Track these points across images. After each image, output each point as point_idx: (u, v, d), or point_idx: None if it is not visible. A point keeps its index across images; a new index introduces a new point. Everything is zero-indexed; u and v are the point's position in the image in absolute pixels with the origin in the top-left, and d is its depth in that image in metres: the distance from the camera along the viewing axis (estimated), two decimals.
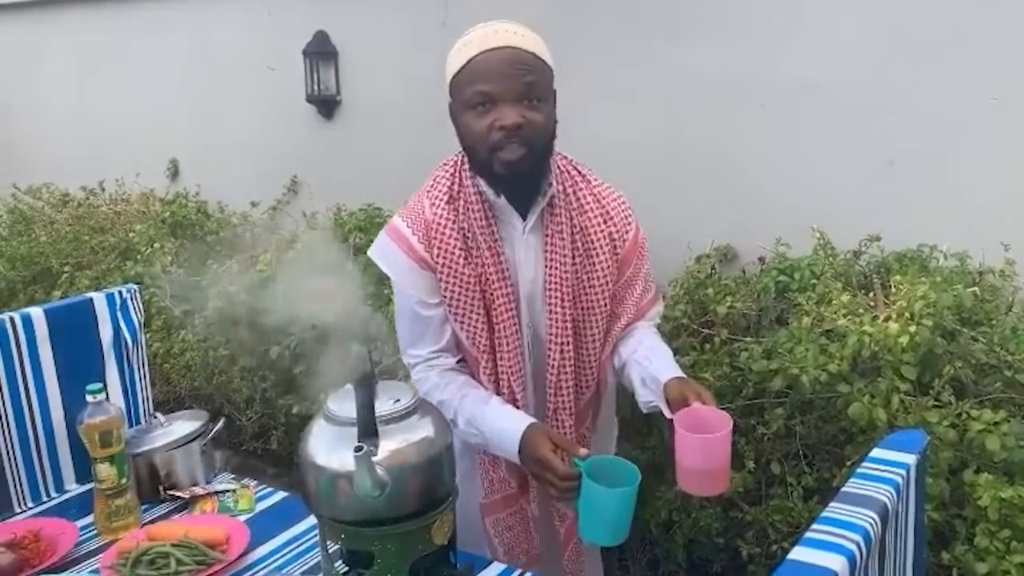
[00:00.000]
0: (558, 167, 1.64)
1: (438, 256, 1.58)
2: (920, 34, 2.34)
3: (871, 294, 2.11)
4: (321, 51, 3.71)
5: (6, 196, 4.52)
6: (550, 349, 1.64)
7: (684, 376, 1.57)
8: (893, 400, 1.87)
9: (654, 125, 2.86)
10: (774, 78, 2.60)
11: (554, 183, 1.60)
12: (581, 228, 1.63)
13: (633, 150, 2.89)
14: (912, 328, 1.85)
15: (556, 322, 1.63)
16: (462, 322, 1.62)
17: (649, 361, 1.63)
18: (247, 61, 4.03)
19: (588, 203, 1.65)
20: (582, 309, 1.66)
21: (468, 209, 1.58)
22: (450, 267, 1.58)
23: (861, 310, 2.02)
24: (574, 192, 1.64)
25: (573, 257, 1.62)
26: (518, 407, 1.63)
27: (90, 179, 4.41)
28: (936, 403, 1.87)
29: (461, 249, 1.58)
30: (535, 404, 1.69)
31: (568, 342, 1.64)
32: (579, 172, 1.69)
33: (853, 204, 2.48)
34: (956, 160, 2.33)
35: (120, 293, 2.02)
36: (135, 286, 2.07)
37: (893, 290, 2.02)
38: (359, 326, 1.30)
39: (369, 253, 1.67)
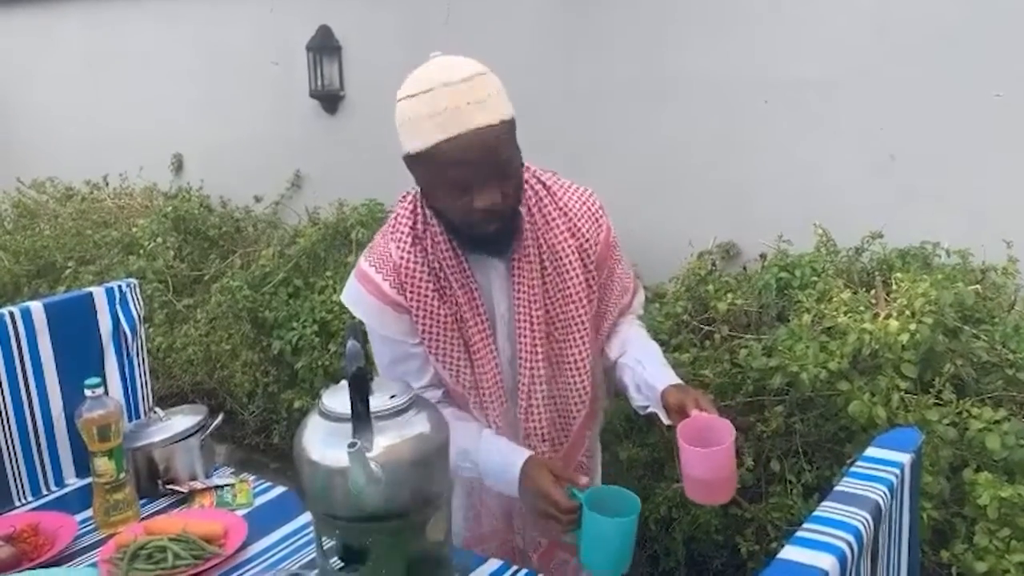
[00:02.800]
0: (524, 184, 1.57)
1: (412, 299, 1.53)
2: (922, 30, 2.33)
3: (872, 291, 2.11)
4: (324, 46, 3.71)
5: (11, 190, 4.53)
6: (520, 373, 1.59)
7: (680, 383, 1.55)
8: (893, 398, 1.86)
9: (656, 122, 2.85)
10: (777, 75, 2.59)
11: (522, 211, 1.54)
12: (549, 247, 1.57)
13: (635, 148, 2.89)
14: (913, 326, 1.84)
15: (526, 346, 1.57)
16: (444, 361, 1.57)
17: (642, 366, 1.60)
18: (251, 56, 4.04)
19: (554, 218, 1.58)
20: (559, 329, 1.60)
21: (436, 248, 1.53)
22: (425, 309, 1.54)
23: (862, 307, 2.01)
24: (539, 210, 1.57)
25: (543, 278, 1.57)
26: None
27: (94, 174, 4.42)
28: (937, 401, 1.87)
29: (434, 290, 1.53)
30: (513, 435, 1.63)
31: (539, 366, 1.59)
32: (543, 185, 1.60)
33: (855, 201, 2.47)
34: (959, 157, 2.32)
35: (120, 287, 2.02)
36: (135, 280, 2.07)
37: (894, 287, 2.01)
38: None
39: (342, 299, 1.63)
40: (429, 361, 1.58)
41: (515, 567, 1.53)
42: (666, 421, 1.51)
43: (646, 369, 1.59)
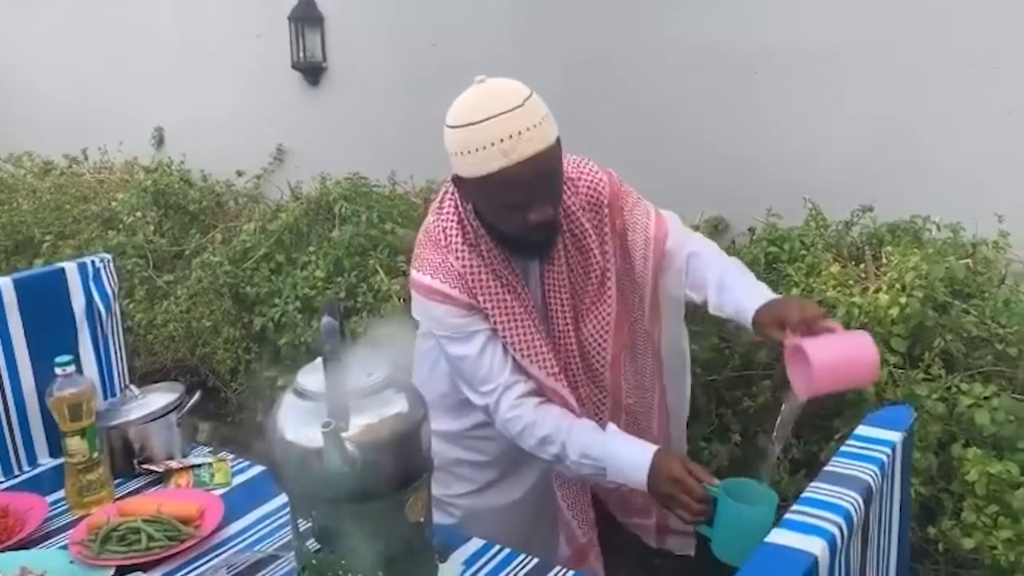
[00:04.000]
0: None
1: (485, 301, 1.57)
2: (915, 2, 2.28)
3: (862, 265, 2.08)
4: (307, 16, 3.64)
5: None
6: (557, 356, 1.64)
7: (769, 300, 1.52)
8: (882, 372, 1.83)
9: (645, 94, 2.81)
10: (767, 46, 2.54)
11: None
12: (572, 233, 1.62)
13: (623, 120, 2.84)
14: (903, 300, 1.82)
15: (558, 328, 1.64)
16: (529, 354, 1.60)
17: (724, 302, 1.61)
18: (232, 28, 3.95)
19: (571, 206, 1.62)
20: (586, 316, 1.66)
21: (490, 255, 1.59)
22: (499, 307, 1.58)
23: (851, 281, 1.99)
24: (562, 205, 1.61)
25: (567, 264, 1.62)
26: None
27: (73, 148, 4.34)
28: (926, 376, 1.84)
29: (501, 288, 1.58)
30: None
31: (572, 346, 1.66)
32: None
33: (846, 174, 2.44)
34: (950, 130, 2.29)
35: (93, 262, 1.97)
36: (108, 256, 2.02)
37: (884, 261, 1.98)
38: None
39: (414, 314, 1.68)
40: (508, 351, 1.60)
41: (497, 547, 1.51)
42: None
43: (729, 304, 1.60)
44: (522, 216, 1.48)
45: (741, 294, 1.58)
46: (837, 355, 1.34)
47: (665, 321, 1.78)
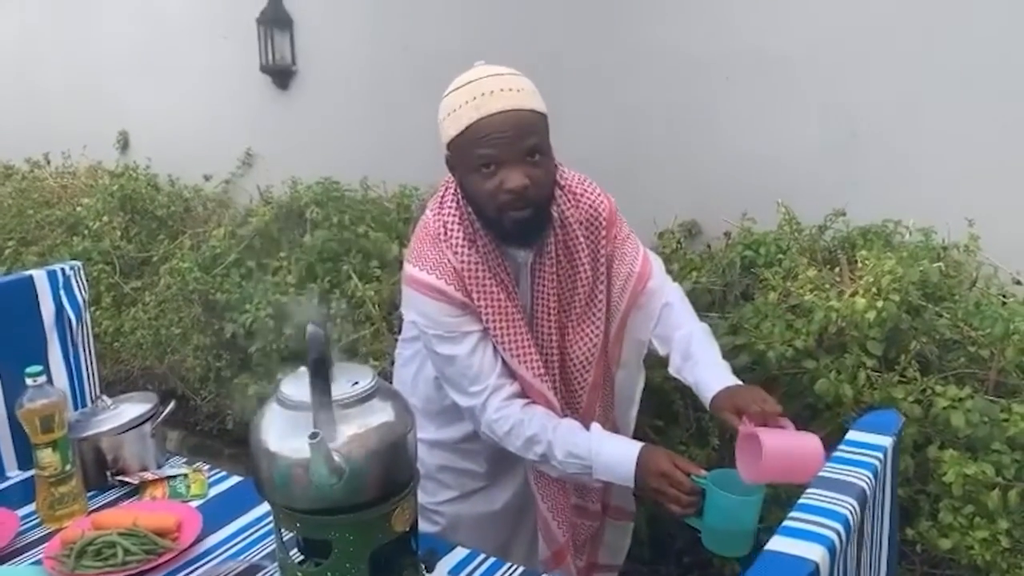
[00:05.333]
0: None
1: (479, 299, 1.58)
2: (884, 5, 2.31)
3: (836, 269, 2.10)
4: (276, 19, 3.61)
5: None
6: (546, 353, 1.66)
7: (727, 388, 1.57)
8: (859, 376, 1.85)
9: (617, 100, 2.81)
10: (738, 51, 2.56)
11: (555, 213, 1.62)
12: (564, 243, 1.64)
13: (596, 126, 2.85)
14: (880, 303, 1.83)
15: (542, 334, 1.65)
16: (517, 353, 1.61)
17: (687, 378, 1.66)
18: (199, 30, 3.90)
19: (567, 216, 1.65)
20: (572, 320, 1.67)
21: (487, 250, 1.59)
22: (492, 305, 1.59)
23: (827, 285, 2.00)
24: (559, 211, 1.64)
25: (558, 273, 1.64)
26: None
27: (34, 152, 4.25)
28: (901, 379, 1.86)
29: (496, 286, 1.59)
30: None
31: (553, 352, 1.67)
32: (558, 184, 1.65)
33: (818, 179, 2.46)
34: (920, 134, 2.32)
35: (63, 270, 1.93)
36: (78, 263, 1.98)
37: (859, 265, 2.00)
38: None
39: (402, 311, 1.69)
40: (497, 353, 1.61)
41: (482, 555, 1.49)
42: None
43: (690, 380, 1.65)
44: (498, 183, 1.48)
45: (704, 370, 1.64)
46: (789, 450, 1.40)
47: (624, 357, 1.80)
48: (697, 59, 2.63)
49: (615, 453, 1.56)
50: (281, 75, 3.69)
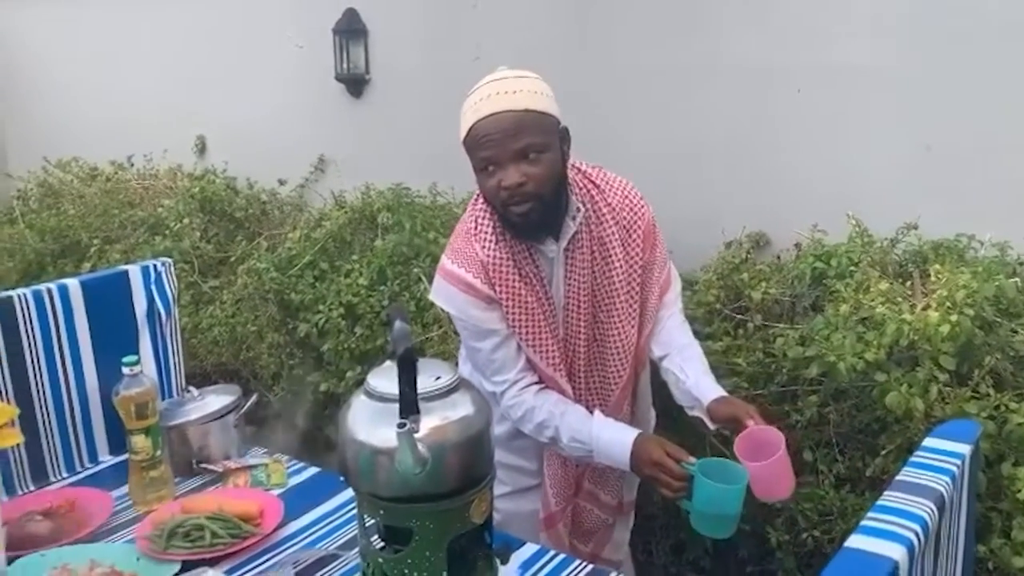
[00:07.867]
0: (575, 183, 1.73)
1: (501, 292, 1.68)
2: (961, 18, 2.29)
3: (908, 283, 2.08)
4: (351, 29, 3.69)
5: (36, 170, 4.54)
6: (565, 352, 1.77)
7: (724, 395, 1.72)
8: (931, 390, 1.84)
9: (688, 110, 2.83)
10: (811, 63, 2.56)
11: (581, 207, 1.71)
12: (599, 240, 1.73)
13: (666, 135, 2.86)
14: (954, 317, 1.82)
15: (571, 328, 1.75)
16: (535, 346, 1.72)
17: (685, 375, 1.77)
18: (276, 39, 4.02)
19: (604, 213, 1.74)
20: (604, 313, 1.77)
21: (516, 247, 1.70)
22: (515, 299, 1.69)
23: (899, 298, 1.99)
24: (592, 207, 1.74)
25: (592, 268, 1.73)
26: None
27: (118, 155, 4.42)
28: (974, 394, 1.85)
29: (519, 280, 1.69)
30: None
31: (580, 346, 1.77)
32: (593, 183, 1.76)
33: (889, 191, 2.44)
34: (995, 146, 2.29)
35: (155, 266, 2.02)
36: (169, 260, 2.08)
37: (932, 279, 1.99)
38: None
39: (431, 298, 1.80)
40: (521, 348, 1.73)
41: (552, 552, 1.53)
42: (711, 427, 1.74)
43: (689, 378, 1.76)
44: (496, 182, 1.59)
45: (701, 378, 1.77)
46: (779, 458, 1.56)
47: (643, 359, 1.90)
48: (769, 70, 2.63)
49: (613, 440, 1.69)
50: (355, 83, 3.77)
